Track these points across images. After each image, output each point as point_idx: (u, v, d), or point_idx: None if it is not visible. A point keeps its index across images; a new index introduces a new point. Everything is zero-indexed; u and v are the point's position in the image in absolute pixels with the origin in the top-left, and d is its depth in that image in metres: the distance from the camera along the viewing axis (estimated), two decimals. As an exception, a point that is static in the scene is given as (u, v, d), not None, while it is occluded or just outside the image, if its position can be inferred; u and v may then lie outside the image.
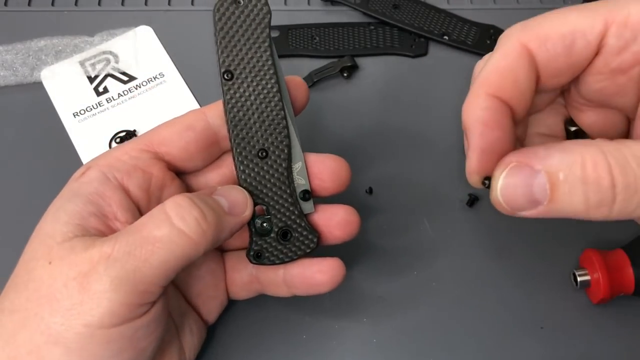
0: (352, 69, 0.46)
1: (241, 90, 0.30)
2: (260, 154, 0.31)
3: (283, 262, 0.31)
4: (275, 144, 0.31)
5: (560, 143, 0.21)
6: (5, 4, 0.49)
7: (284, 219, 0.31)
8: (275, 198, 0.31)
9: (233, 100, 0.30)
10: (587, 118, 0.27)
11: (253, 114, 0.30)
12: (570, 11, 0.22)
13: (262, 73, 0.30)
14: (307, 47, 0.47)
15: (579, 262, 0.37)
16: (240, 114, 0.30)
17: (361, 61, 0.46)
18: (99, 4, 0.49)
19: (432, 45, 0.47)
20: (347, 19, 0.48)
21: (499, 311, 0.37)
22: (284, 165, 0.31)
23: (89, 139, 0.43)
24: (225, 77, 0.30)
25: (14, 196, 0.41)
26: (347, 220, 0.32)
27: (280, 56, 0.47)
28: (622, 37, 0.21)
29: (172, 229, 0.25)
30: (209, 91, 0.45)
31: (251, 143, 0.30)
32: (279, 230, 0.31)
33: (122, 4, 0.49)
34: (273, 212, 0.31)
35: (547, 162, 0.20)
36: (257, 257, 0.31)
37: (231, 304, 0.35)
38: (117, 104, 0.45)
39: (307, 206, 0.32)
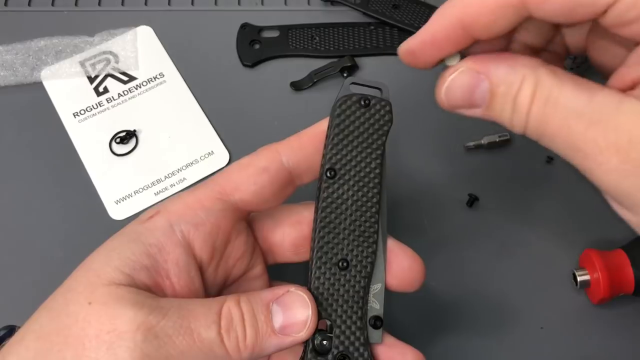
0: (352, 69, 0.46)
1: (340, 191, 0.28)
2: (340, 264, 0.28)
3: None
4: (359, 257, 0.28)
5: (511, 57, 0.23)
6: (5, 4, 0.49)
7: (346, 343, 0.28)
8: (344, 317, 0.28)
9: (329, 200, 0.28)
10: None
11: (345, 219, 0.28)
12: None
13: (366, 179, 0.28)
14: (307, 47, 0.47)
15: (579, 262, 0.37)
16: (332, 216, 0.28)
17: (361, 61, 0.46)
18: (99, 4, 0.49)
19: (432, 45, 0.47)
20: (347, 19, 0.48)
21: (499, 311, 0.37)
22: (362, 282, 0.28)
23: (89, 139, 0.43)
24: (328, 174, 0.28)
25: (14, 196, 0.41)
26: None
27: (280, 56, 0.47)
28: (624, 16, 0.20)
29: (217, 337, 0.25)
30: (209, 91, 0.45)
31: (334, 250, 0.28)
32: (338, 353, 0.27)
33: (122, 4, 0.49)
34: (337, 331, 0.28)
35: (493, 73, 0.23)
36: None
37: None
38: (117, 104, 0.45)
39: (374, 335, 0.28)
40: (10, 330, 0.29)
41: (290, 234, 0.31)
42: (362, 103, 0.28)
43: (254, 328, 0.26)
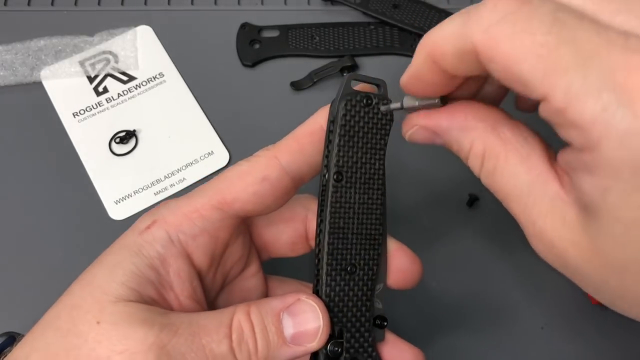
0: (352, 69, 0.45)
1: (347, 195, 0.27)
2: (349, 269, 0.27)
3: None
4: (366, 260, 0.28)
5: (467, 112, 0.25)
6: (5, 4, 0.49)
7: (356, 345, 0.27)
8: (354, 320, 0.27)
9: (337, 205, 0.27)
10: None
11: (353, 223, 0.27)
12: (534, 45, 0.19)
13: (370, 181, 0.28)
14: (307, 47, 0.47)
15: (579, 262, 0.37)
16: (341, 221, 0.27)
17: (361, 61, 0.46)
18: (99, 3, 0.49)
19: (432, 45, 0.47)
20: (347, 19, 0.48)
21: (499, 311, 0.37)
22: (369, 285, 0.28)
23: (89, 139, 0.43)
24: (336, 178, 0.27)
25: (13, 196, 0.41)
26: None
27: (280, 56, 0.47)
28: (554, 118, 0.20)
29: (229, 352, 0.25)
30: (209, 91, 0.45)
31: (343, 254, 0.27)
32: (349, 357, 0.27)
33: (122, 3, 0.49)
34: (348, 336, 0.27)
35: (445, 132, 0.25)
36: None
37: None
38: (117, 103, 0.45)
39: (378, 334, 0.28)
40: (10, 338, 0.29)
41: (285, 231, 0.31)
42: (365, 102, 0.27)
43: (265, 340, 0.26)
